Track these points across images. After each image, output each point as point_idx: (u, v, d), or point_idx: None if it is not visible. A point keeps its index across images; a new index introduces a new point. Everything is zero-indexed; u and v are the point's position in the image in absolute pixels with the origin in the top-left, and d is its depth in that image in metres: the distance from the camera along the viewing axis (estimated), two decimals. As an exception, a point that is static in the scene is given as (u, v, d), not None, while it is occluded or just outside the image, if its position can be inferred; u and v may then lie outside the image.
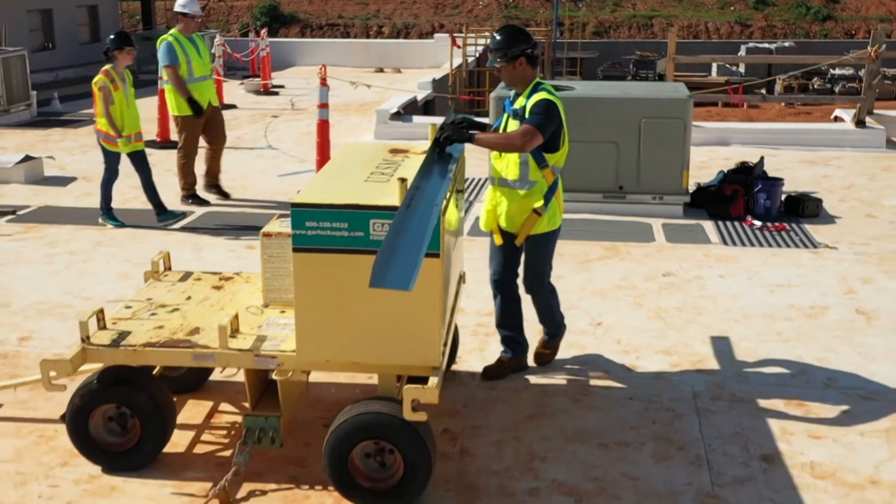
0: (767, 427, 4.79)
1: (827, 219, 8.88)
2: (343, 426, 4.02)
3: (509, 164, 5.00)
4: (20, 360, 5.60)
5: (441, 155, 4.50)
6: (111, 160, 8.39)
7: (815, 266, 7.44)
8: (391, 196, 3.93)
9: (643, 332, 6.02)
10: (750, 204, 8.85)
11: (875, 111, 13.98)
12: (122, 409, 4.35)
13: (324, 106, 9.94)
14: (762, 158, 9.50)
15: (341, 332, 4.04)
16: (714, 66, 25.79)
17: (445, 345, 4.27)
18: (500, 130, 5.08)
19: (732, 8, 48.24)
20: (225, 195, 9.62)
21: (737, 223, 8.69)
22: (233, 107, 16.54)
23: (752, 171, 9.16)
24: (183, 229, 8.58)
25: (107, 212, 8.57)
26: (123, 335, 4.38)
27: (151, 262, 5.17)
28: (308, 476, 4.32)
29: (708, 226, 8.62)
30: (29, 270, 7.31)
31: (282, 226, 4.73)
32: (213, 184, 9.66)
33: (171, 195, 9.28)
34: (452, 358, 5.32)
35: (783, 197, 9.01)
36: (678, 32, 46.17)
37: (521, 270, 5.27)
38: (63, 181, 10.59)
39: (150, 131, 13.11)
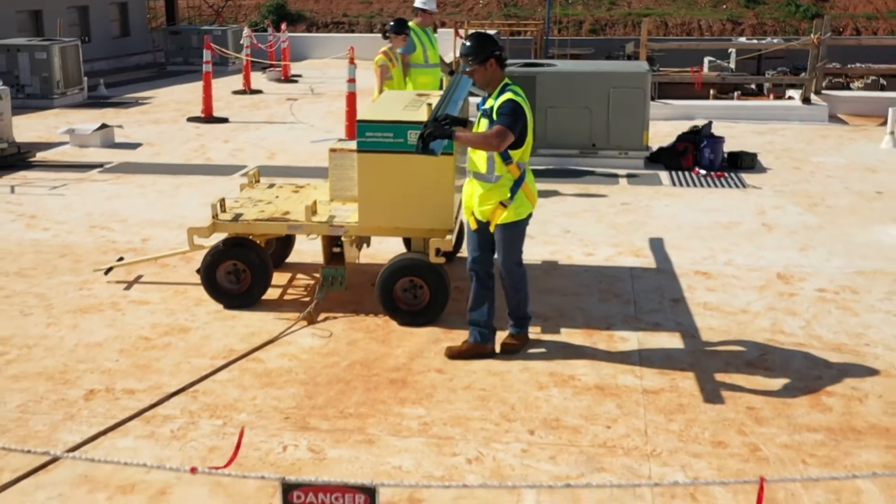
0: (678, 284, 6.91)
1: (760, 170, 10.98)
2: (390, 268, 6.14)
3: (480, 159, 5.45)
4: (146, 252, 7.70)
5: (425, 150, 5.25)
6: None
7: (740, 199, 9.56)
8: (421, 116, 6.03)
9: (600, 235, 8.15)
10: (698, 157, 10.96)
11: (823, 91, 16.11)
12: (237, 265, 6.44)
13: (352, 80, 12.09)
14: (710, 122, 11.61)
15: (389, 207, 6.14)
16: (706, 61, 27.76)
17: (455, 220, 6.36)
18: (474, 129, 5.58)
19: (724, 6, 50.26)
20: None
21: (687, 172, 10.79)
22: (259, 92, 18.62)
23: (701, 131, 11.26)
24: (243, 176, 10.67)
25: None
26: (239, 215, 6.49)
27: (248, 176, 7.29)
28: (363, 308, 6.43)
29: (663, 175, 10.73)
30: (131, 202, 9.42)
31: (342, 145, 6.84)
32: None
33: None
34: (459, 244, 7.36)
35: (725, 153, 11.11)
36: (672, 30, 48.16)
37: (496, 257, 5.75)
38: (132, 146, 12.70)
39: (195, 110, 15.26)
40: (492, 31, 20.79)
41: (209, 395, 5.25)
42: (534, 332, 6.03)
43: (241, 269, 6.46)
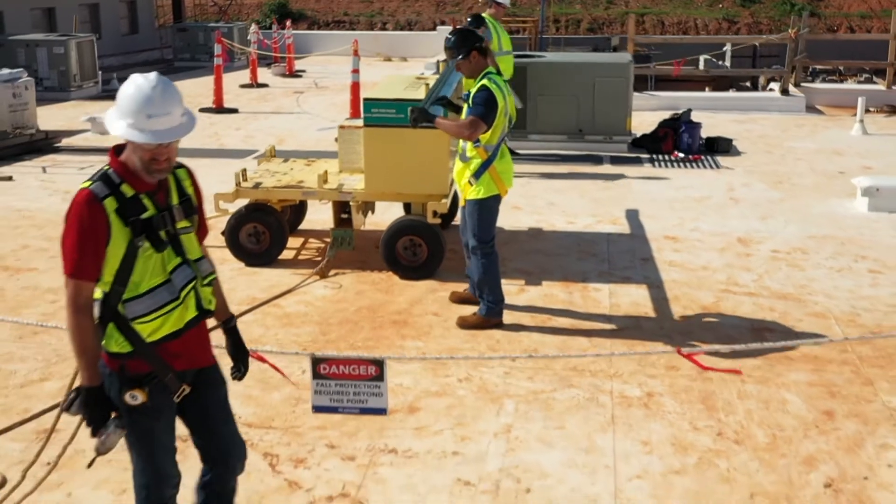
0: (648, 246, 7.78)
1: (735, 153, 11.84)
2: (392, 228, 7.00)
3: (460, 141, 6.09)
4: (172, 221, 8.55)
5: (416, 126, 6.17)
6: None
7: (713, 178, 10.42)
8: (420, 95, 6.89)
9: (581, 207, 9.02)
10: (677, 142, 11.81)
11: (802, 84, 16.97)
12: (258, 227, 7.30)
13: (356, 71, 12.94)
14: (689, 110, 12.46)
15: (392, 175, 6.99)
16: (701, 59, 28.56)
17: (450, 187, 7.20)
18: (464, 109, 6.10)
19: (721, 5, 51.10)
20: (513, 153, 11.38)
21: (666, 156, 11.65)
22: (266, 86, 19.48)
23: (680, 118, 12.12)
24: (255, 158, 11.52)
25: None
26: (258, 183, 7.34)
27: (266, 150, 8.14)
28: (368, 266, 7.28)
29: (644, 157, 11.59)
30: (154, 180, 10.26)
31: (350, 122, 7.69)
32: None
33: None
34: (453, 213, 8.20)
35: (703, 138, 11.96)
36: (669, 28, 48.94)
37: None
38: (149, 133, 13.53)
39: (205, 102, 16.11)
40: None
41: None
42: (517, 283, 6.89)
43: (261, 231, 7.31)
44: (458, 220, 7.15)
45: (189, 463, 3.71)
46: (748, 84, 22.13)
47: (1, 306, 6.62)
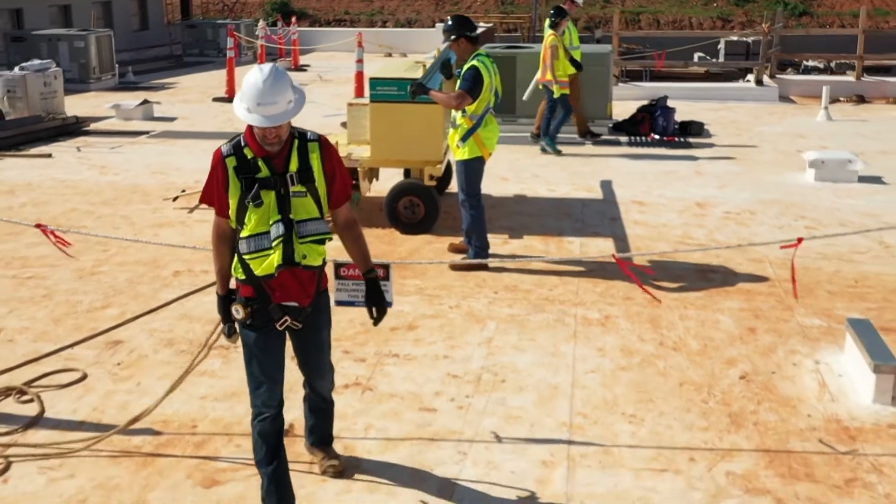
0: (617, 209, 8.92)
1: (707, 136, 12.97)
2: (394, 190, 8.13)
3: (452, 111, 7.16)
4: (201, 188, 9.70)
5: (414, 99, 7.26)
6: (562, 101, 11.51)
7: (683, 155, 11.56)
8: (418, 75, 8.01)
9: (562, 178, 10.17)
10: (653, 125, 12.94)
11: (777, 75, 18.11)
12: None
13: (360, 61, 14.08)
14: (665, 97, 13.59)
15: (393, 144, 8.10)
16: (695, 56, 29.58)
17: (445, 154, 8.31)
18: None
19: (715, 4, 52.17)
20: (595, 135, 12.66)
21: (643, 138, 12.78)
22: (273, 78, 20.59)
23: (657, 103, 13.24)
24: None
25: (552, 139, 11.59)
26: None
27: (282, 126, 9.26)
28: (373, 224, 8.39)
29: (623, 139, 12.72)
30: (180, 157, 11.41)
31: (357, 101, 8.82)
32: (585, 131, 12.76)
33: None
34: (448, 179, 9.27)
35: (677, 122, 13.09)
36: (664, 26, 49.93)
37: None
38: (169, 119, 14.69)
39: (217, 93, 17.23)
40: (487, 25, 22.81)
41: (264, 272, 7.23)
42: (502, 237, 8.03)
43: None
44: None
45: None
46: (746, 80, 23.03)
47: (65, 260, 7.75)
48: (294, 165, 3.85)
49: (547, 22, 12.09)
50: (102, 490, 4.38)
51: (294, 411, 4.75)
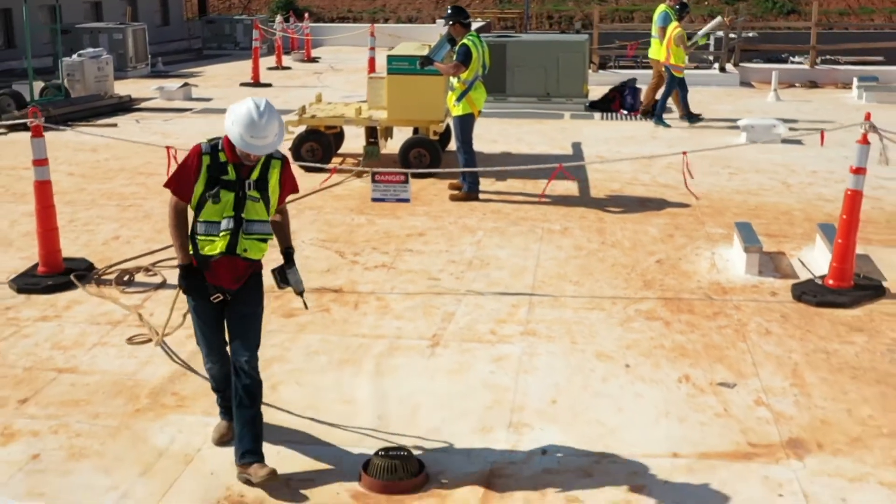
0: (582, 160, 11.16)
1: (668, 112, 15.21)
2: (406, 143, 10.40)
3: (451, 78, 9.40)
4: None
5: (422, 69, 9.77)
6: (680, 82, 13.77)
7: (644, 126, 13.84)
8: (424, 52, 10.26)
9: (540, 142, 12.44)
10: (622, 102, 15.20)
11: (741, 63, 20.35)
12: (313, 145, 10.65)
13: (372, 48, 16.33)
14: (633, 78, 15.85)
15: (406, 107, 10.34)
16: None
17: (445, 115, 10.53)
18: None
19: (706, 2, 54.38)
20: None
21: (614, 114, 15.04)
22: (289, 68, 22.84)
23: (626, 84, 15.51)
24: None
25: (660, 117, 13.80)
26: (313, 115, 10.72)
27: (315, 96, 11.51)
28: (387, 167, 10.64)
29: (597, 115, 14.99)
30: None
31: (375, 75, 11.09)
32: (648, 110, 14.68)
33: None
34: (448, 138, 11.48)
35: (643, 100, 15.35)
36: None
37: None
38: (206, 99, 16.93)
39: (242, 80, 19.47)
40: (483, 21, 25.06)
41: (303, 202, 9.47)
42: (490, 180, 10.27)
43: (315, 147, 10.66)
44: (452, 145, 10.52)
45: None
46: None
47: (153, 192, 9.99)
48: (255, 175, 4.46)
49: (663, 11, 14.12)
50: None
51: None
